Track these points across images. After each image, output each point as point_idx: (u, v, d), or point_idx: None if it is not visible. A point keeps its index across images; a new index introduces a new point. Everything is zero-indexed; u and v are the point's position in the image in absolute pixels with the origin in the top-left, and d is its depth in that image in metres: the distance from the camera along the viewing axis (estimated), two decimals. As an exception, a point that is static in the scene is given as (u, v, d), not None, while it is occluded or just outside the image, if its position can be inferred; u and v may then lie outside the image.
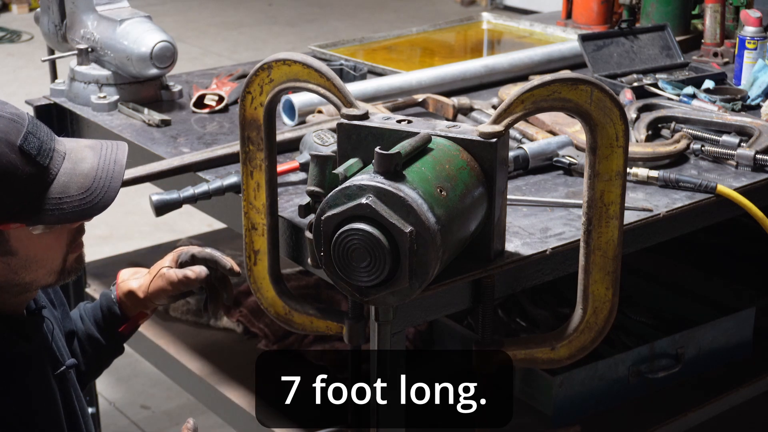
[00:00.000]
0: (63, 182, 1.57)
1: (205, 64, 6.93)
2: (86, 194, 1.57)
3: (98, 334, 1.97)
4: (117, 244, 4.26)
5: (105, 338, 1.98)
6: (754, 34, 2.75)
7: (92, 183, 1.58)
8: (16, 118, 1.55)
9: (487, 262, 1.78)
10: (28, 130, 1.55)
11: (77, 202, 1.56)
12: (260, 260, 1.90)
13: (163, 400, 3.59)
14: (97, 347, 1.98)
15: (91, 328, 1.97)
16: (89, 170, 1.59)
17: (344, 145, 1.76)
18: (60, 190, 1.56)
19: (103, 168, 1.60)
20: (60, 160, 1.58)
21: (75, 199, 1.56)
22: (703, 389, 2.58)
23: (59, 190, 1.56)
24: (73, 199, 1.56)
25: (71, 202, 1.56)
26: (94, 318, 1.98)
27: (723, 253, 3.15)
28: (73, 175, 1.58)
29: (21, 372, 1.68)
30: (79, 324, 1.98)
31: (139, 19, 2.58)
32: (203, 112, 2.59)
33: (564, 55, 2.92)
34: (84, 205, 1.56)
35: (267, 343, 2.69)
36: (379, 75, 2.81)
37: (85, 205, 1.56)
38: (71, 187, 1.57)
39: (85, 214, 1.57)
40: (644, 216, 2.00)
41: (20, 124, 1.55)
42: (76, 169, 1.58)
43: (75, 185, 1.57)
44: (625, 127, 1.64)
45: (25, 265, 1.61)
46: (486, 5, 9.20)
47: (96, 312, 1.98)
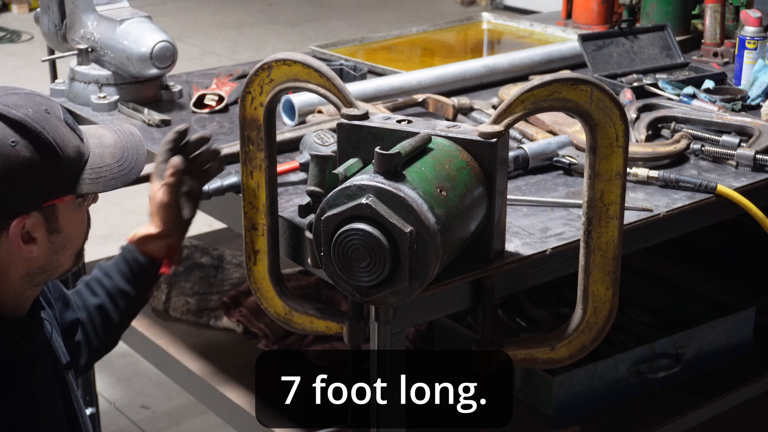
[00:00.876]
0: (98, 153, 1.68)
1: (205, 64, 6.93)
2: (121, 162, 1.70)
3: (127, 287, 2.02)
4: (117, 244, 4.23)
5: (135, 288, 2.02)
6: (754, 34, 2.75)
7: (122, 153, 1.71)
8: (47, 99, 1.66)
9: (487, 262, 1.78)
10: (63, 108, 1.67)
11: (116, 170, 1.68)
12: (260, 260, 1.90)
13: (163, 400, 3.59)
14: (127, 299, 2.03)
15: (120, 282, 2.02)
16: (115, 143, 1.72)
17: (344, 145, 1.76)
18: (97, 161, 1.67)
19: (124, 139, 1.74)
20: (80, 131, 1.68)
21: (114, 167, 1.68)
22: (703, 389, 2.58)
23: (97, 161, 1.67)
24: (112, 167, 1.68)
25: (111, 170, 1.68)
26: (120, 271, 2.02)
27: (723, 253, 3.15)
28: (103, 148, 1.69)
29: (26, 372, 1.69)
30: (106, 281, 2.03)
31: (139, 19, 2.58)
32: (203, 112, 2.59)
33: (564, 55, 2.92)
34: (121, 171, 1.69)
35: (267, 343, 2.69)
36: (379, 75, 2.81)
37: (122, 171, 1.69)
38: (105, 157, 1.69)
39: (126, 179, 1.70)
40: (644, 216, 2.00)
41: (54, 103, 1.67)
42: (103, 143, 1.71)
43: (108, 155, 1.69)
44: (625, 127, 1.64)
45: (64, 243, 1.68)
46: (486, 5, 9.20)
47: (120, 266, 2.02)
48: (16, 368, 1.67)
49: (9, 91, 1.62)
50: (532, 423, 2.40)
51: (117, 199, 3.97)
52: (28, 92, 1.64)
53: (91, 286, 2.02)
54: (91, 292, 2.02)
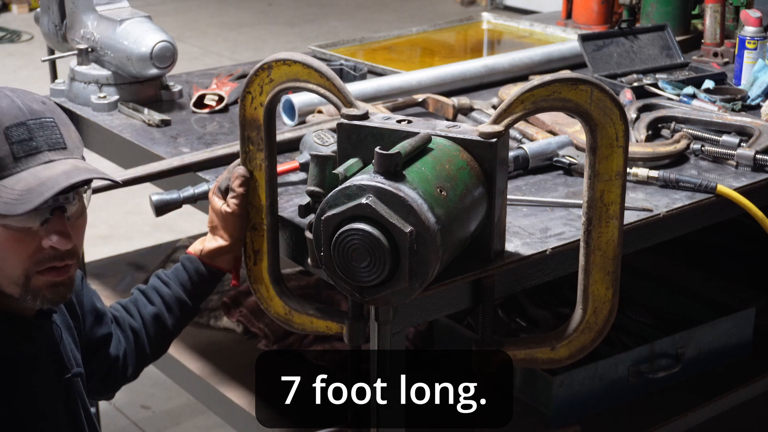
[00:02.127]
0: (21, 178, 1.56)
1: (205, 64, 6.93)
2: (24, 194, 1.55)
3: (186, 297, 2.02)
4: (117, 244, 4.26)
5: (192, 299, 2.02)
6: (754, 34, 2.75)
7: (36, 186, 1.56)
8: (24, 109, 1.59)
9: (487, 262, 1.78)
10: (25, 123, 1.58)
11: (14, 197, 1.55)
12: (260, 260, 1.91)
13: (163, 400, 3.59)
14: (183, 309, 2.03)
15: (179, 292, 2.02)
16: (45, 177, 1.57)
17: (344, 145, 1.76)
18: (13, 182, 1.56)
19: (52, 178, 1.57)
20: (40, 162, 1.58)
21: (14, 194, 1.55)
22: (703, 389, 2.58)
23: (12, 182, 1.56)
24: (13, 193, 1.55)
25: (10, 195, 1.55)
26: (179, 281, 2.02)
27: (723, 253, 3.15)
28: (32, 176, 1.57)
29: (26, 373, 1.68)
30: (164, 290, 2.02)
31: (139, 19, 2.58)
32: (203, 112, 2.59)
33: (564, 55, 2.92)
34: (14, 201, 1.54)
35: (267, 343, 2.69)
36: (379, 75, 2.81)
37: (14, 201, 1.54)
38: (21, 183, 1.56)
39: (7, 209, 1.54)
40: (644, 216, 2.00)
41: (24, 113, 1.58)
42: (39, 173, 1.57)
43: (24, 183, 1.56)
44: (625, 127, 1.64)
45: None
46: (486, 5, 9.20)
47: (180, 276, 2.02)
48: (14, 367, 1.67)
49: (8, 88, 1.63)
50: (532, 423, 2.40)
51: (118, 199, 3.97)
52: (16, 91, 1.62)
53: (148, 294, 2.03)
54: (147, 300, 2.03)
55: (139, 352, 2.02)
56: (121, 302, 2.04)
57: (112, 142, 2.47)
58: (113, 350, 1.97)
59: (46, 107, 1.63)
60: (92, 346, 1.92)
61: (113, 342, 1.97)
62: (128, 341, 2.00)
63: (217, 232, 1.95)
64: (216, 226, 1.94)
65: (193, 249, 2.02)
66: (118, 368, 1.99)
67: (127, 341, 2.00)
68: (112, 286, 3.01)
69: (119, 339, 1.99)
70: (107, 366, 1.96)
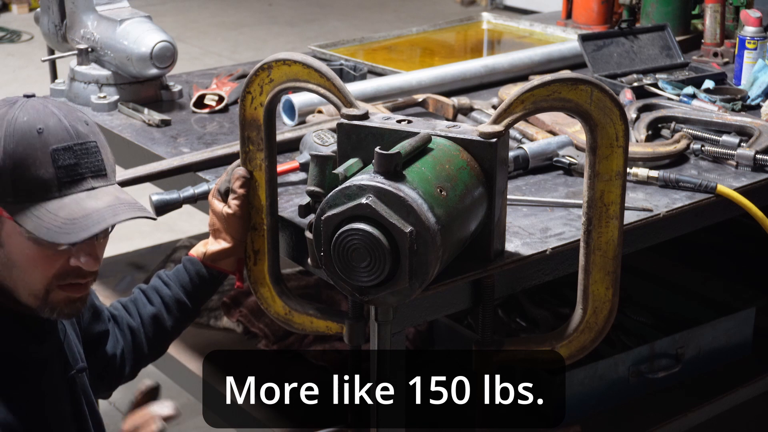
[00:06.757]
0: (64, 204, 1.57)
1: (205, 64, 6.93)
2: (68, 223, 1.56)
3: (186, 298, 2.01)
4: (117, 244, 4.24)
5: (192, 301, 2.02)
6: (754, 34, 2.75)
7: (81, 218, 1.57)
8: (71, 132, 1.58)
9: (487, 262, 1.78)
10: (72, 147, 1.58)
11: (58, 224, 1.55)
12: (260, 260, 1.91)
13: (163, 400, 3.58)
14: (183, 310, 2.02)
15: (179, 293, 2.01)
16: (90, 209, 1.58)
17: (344, 145, 1.76)
18: (56, 207, 1.56)
19: (98, 211, 1.59)
20: (83, 189, 1.59)
21: (57, 221, 1.56)
22: (703, 389, 2.58)
23: (55, 207, 1.56)
24: (56, 219, 1.56)
25: (53, 222, 1.55)
26: (180, 283, 2.01)
27: (723, 253, 3.15)
28: (75, 204, 1.58)
29: (35, 374, 1.69)
30: (164, 291, 2.01)
31: (139, 19, 2.58)
32: (203, 112, 2.59)
33: (564, 55, 2.92)
34: (57, 229, 1.55)
35: (267, 343, 2.69)
36: (379, 75, 2.81)
37: (58, 229, 1.55)
38: (65, 210, 1.57)
39: (51, 235, 1.55)
40: (644, 216, 2.00)
41: (71, 136, 1.58)
42: (82, 202, 1.58)
43: (68, 211, 1.57)
44: (625, 127, 1.64)
45: (7, 264, 1.61)
46: (486, 5, 9.20)
47: (180, 277, 2.01)
48: (24, 368, 1.67)
49: (53, 103, 1.62)
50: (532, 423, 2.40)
51: (117, 199, 3.96)
52: (62, 109, 1.61)
53: (148, 294, 2.03)
54: (147, 300, 2.03)
55: (137, 352, 2.02)
56: (121, 301, 2.04)
57: (112, 142, 2.46)
58: (110, 348, 1.97)
59: (89, 129, 1.62)
60: (89, 343, 1.92)
61: (110, 340, 1.97)
62: (126, 340, 2.00)
63: (220, 234, 1.94)
64: (218, 228, 1.94)
65: (195, 251, 2.01)
66: (115, 367, 1.98)
67: (124, 340, 2.00)
68: (112, 285, 3.01)
69: (117, 337, 1.98)
70: (104, 363, 1.96)
